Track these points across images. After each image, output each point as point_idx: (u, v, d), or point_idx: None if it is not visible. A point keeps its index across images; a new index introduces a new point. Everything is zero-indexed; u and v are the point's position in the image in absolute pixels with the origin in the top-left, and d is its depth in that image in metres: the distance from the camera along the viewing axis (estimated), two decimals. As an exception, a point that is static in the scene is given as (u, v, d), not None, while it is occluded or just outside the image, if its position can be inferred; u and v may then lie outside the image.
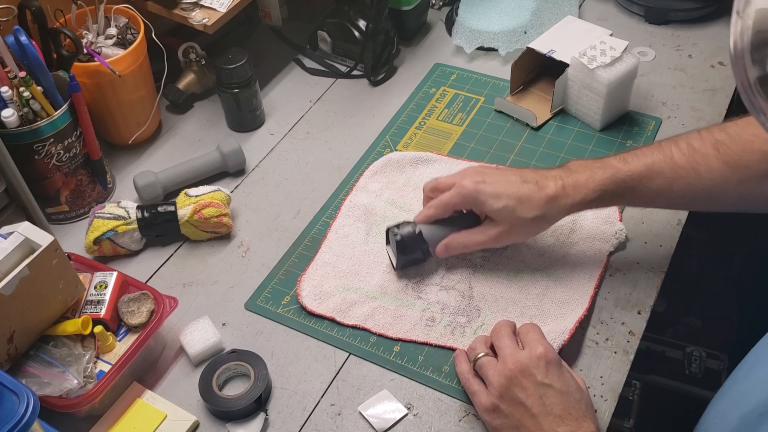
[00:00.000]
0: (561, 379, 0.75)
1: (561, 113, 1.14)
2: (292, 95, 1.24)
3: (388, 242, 0.95)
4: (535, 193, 0.85)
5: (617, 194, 0.85)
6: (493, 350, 0.80)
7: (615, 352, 0.86)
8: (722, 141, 0.82)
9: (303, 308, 0.92)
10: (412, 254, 0.92)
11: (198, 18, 1.09)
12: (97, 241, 0.98)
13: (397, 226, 0.92)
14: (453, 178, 0.90)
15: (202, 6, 1.11)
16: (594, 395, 0.83)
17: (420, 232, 0.91)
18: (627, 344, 0.87)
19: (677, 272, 0.97)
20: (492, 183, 0.87)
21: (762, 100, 0.47)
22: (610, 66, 1.04)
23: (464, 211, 0.92)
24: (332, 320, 0.91)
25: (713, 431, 0.72)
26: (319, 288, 0.94)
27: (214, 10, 1.10)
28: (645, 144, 0.88)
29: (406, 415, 0.83)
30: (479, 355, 0.80)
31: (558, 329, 0.85)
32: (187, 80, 1.21)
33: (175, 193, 1.04)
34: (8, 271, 0.76)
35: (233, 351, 0.87)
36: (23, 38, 0.92)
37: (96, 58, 1.04)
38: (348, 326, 0.90)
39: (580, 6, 1.33)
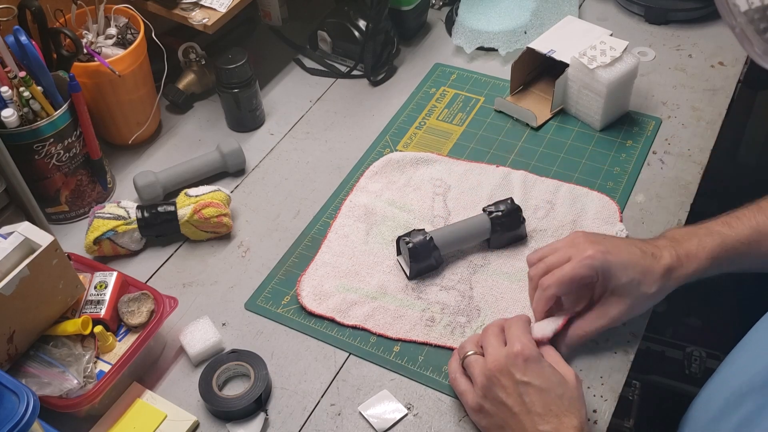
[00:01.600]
0: (540, 375, 0.74)
1: (561, 113, 1.14)
2: (292, 95, 1.24)
3: (399, 252, 0.95)
4: (654, 265, 0.80)
5: (729, 261, 0.82)
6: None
7: (615, 352, 0.86)
8: None
9: (303, 308, 0.92)
10: (425, 261, 0.92)
11: (198, 18, 1.09)
12: (97, 241, 0.98)
13: (408, 234, 0.92)
14: (565, 251, 0.82)
15: (202, 6, 1.11)
16: (594, 395, 0.83)
17: (431, 239, 0.91)
18: (627, 344, 0.87)
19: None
20: (616, 253, 0.80)
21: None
22: (610, 66, 1.04)
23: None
24: (332, 320, 0.91)
25: (701, 413, 0.73)
26: (319, 288, 0.94)
27: (214, 10, 1.10)
28: (743, 207, 0.85)
29: (406, 415, 0.83)
30: (468, 353, 0.79)
31: (551, 318, 0.84)
32: (187, 80, 1.21)
33: (175, 193, 1.04)
34: (8, 271, 0.76)
35: (233, 351, 0.87)
36: (23, 38, 0.92)
37: (96, 58, 1.04)
38: (348, 326, 0.90)
39: (580, 6, 1.33)
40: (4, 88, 0.93)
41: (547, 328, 0.82)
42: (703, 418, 0.72)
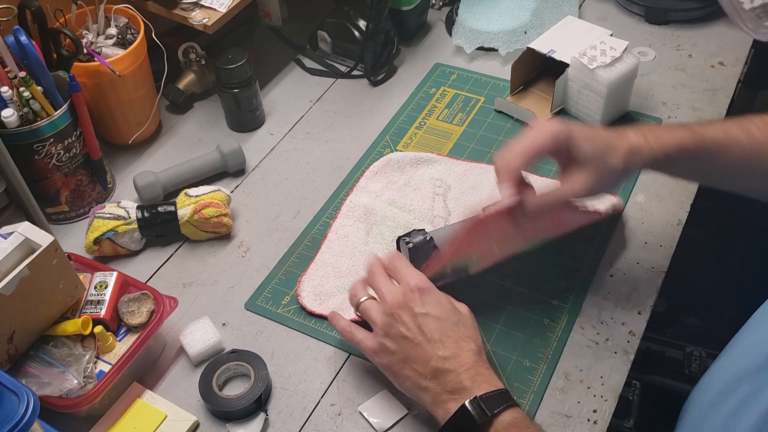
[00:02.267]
0: (437, 305, 0.78)
1: (561, 113, 1.14)
2: (292, 95, 1.24)
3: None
4: (618, 141, 0.79)
5: (694, 155, 0.80)
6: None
7: (615, 352, 0.86)
8: None
9: (303, 308, 0.92)
10: (425, 261, 0.92)
11: (198, 18, 1.09)
12: (97, 241, 0.98)
13: (407, 234, 0.92)
14: (527, 133, 0.80)
15: (202, 6, 1.11)
16: (594, 395, 0.83)
17: (431, 239, 0.91)
18: (627, 344, 0.87)
19: (677, 272, 0.97)
20: (580, 127, 0.79)
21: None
22: (610, 66, 1.04)
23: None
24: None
25: (699, 400, 0.73)
26: (319, 288, 0.94)
27: (214, 10, 1.10)
28: (714, 119, 0.86)
29: (406, 415, 0.83)
30: (361, 300, 0.82)
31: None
32: (187, 80, 1.21)
33: (175, 193, 1.04)
34: (8, 271, 0.76)
35: (233, 351, 0.87)
36: (23, 38, 0.92)
37: (96, 58, 1.04)
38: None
39: (580, 6, 1.33)
40: (4, 88, 0.93)
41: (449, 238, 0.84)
42: (701, 403, 0.72)
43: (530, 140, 0.78)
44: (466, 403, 0.72)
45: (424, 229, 0.93)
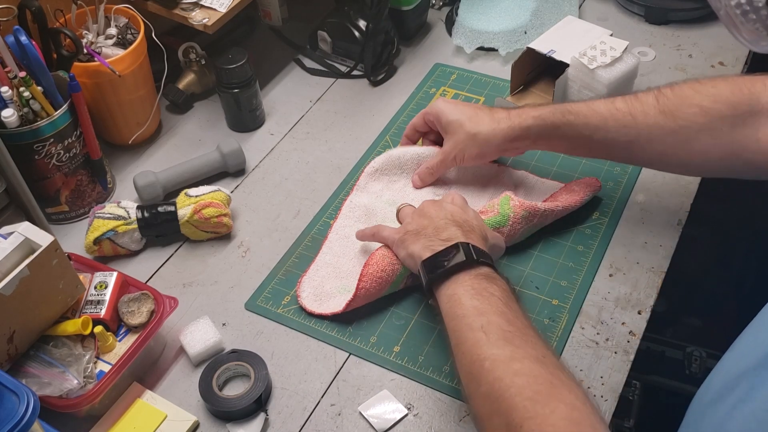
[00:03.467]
0: (465, 207, 0.86)
1: (561, 113, 1.14)
2: (292, 95, 1.24)
3: None
4: (485, 115, 0.95)
5: (554, 125, 0.91)
6: None
7: (615, 352, 0.86)
8: (664, 93, 0.87)
9: (303, 309, 0.92)
10: None
11: (198, 18, 1.09)
12: (97, 241, 0.98)
13: None
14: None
15: (202, 6, 1.11)
16: (594, 395, 0.83)
17: None
18: (627, 344, 0.87)
19: (677, 272, 0.97)
20: (452, 104, 0.98)
21: None
22: (610, 66, 1.04)
23: None
24: (333, 314, 0.91)
25: (700, 398, 0.73)
26: (319, 289, 0.94)
27: (214, 10, 1.10)
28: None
29: (406, 415, 0.83)
30: (401, 206, 0.93)
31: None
32: (187, 80, 1.21)
33: (175, 193, 1.04)
34: (8, 271, 0.76)
35: (233, 351, 0.87)
36: (23, 38, 0.92)
37: (96, 58, 1.04)
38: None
39: (580, 6, 1.33)
40: (4, 88, 0.93)
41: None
42: (702, 402, 0.73)
43: (413, 120, 1.04)
44: (459, 243, 0.78)
45: None
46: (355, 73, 1.25)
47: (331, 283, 0.94)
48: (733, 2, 0.58)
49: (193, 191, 1.01)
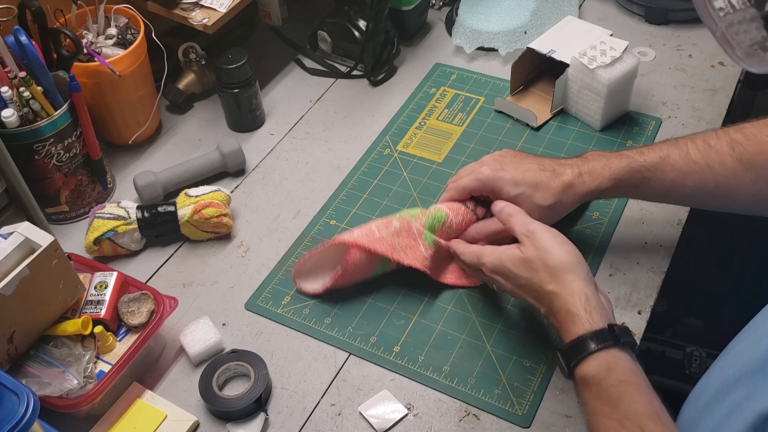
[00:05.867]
0: (513, 277, 0.81)
1: (561, 113, 1.14)
2: (292, 95, 1.24)
3: None
4: (551, 181, 0.87)
5: (632, 184, 0.87)
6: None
7: (615, 352, 0.86)
8: (738, 140, 0.84)
9: (300, 290, 0.93)
10: None
11: (198, 18, 1.09)
12: (97, 241, 0.98)
13: None
14: (472, 166, 0.92)
15: (202, 6, 1.11)
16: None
17: None
18: (627, 344, 0.87)
19: (677, 272, 0.97)
20: (510, 170, 0.88)
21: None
22: (610, 66, 1.04)
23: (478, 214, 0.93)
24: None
25: (696, 400, 0.73)
26: (318, 266, 0.94)
27: (214, 10, 1.10)
28: (662, 140, 0.90)
29: (406, 415, 0.83)
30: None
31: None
32: (187, 80, 1.21)
33: (175, 193, 1.04)
34: (8, 271, 0.76)
35: (233, 351, 0.87)
36: (23, 38, 0.92)
37: (96, 58, 1.04)
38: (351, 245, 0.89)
39: (580, 6, 1.33)
40: (4, 88, 0.93)
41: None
42: (698, 404, 0.72)
43: (464, 183, 0.91)
44: (558, 353, 0.74)
45: None
46: (355, 73, 1.25)
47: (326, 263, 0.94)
48: (725, 23, 0.58)
49: (193, 191, 1.01)
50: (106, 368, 0.83)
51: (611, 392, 0.69)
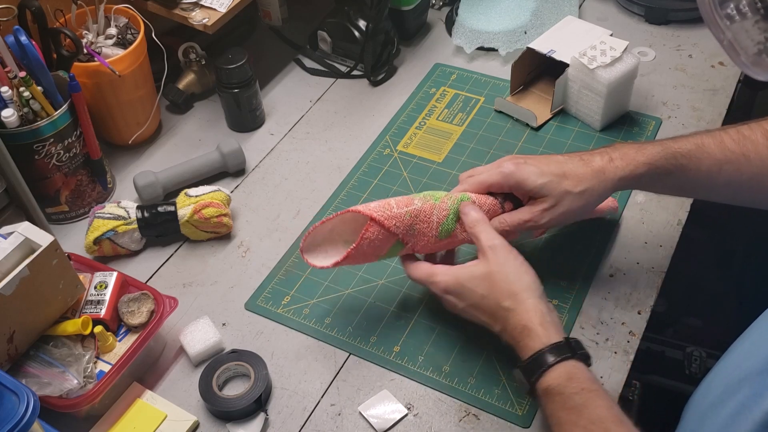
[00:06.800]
0: (466, 296, 0.80)
1: (561, 113, 1.14)
2: (292, 95, 1.24)
3: None
4: (580, 168, 0.84)
5: (667, 171, 0.83)
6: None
7: (615, 352, 0.86)
8: None
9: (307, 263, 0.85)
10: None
11: (198, 18, 1.09)
12: (97, 241, 0.98)
13: None
14: (491, 166, 0.87)
15: (202, 6, 1.11)
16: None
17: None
18: (627, 344, 0.87)
19: (677, 272, 0.97)
20: (534, 162, 0.84)
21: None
22: (610, 66, 1.04)
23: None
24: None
25: (700, 401, 0.73)
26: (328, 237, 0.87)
27: (214, 10, 1.10)
28: (694, 132, 0.87)
29: (406, 415, 0.83)
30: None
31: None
32: (187, 80, 1.21)
33: (175, 193, 1.04)
34: (8, 271, 0.76)
35: (233, 351, 0.87)
36: (23, 38, 0.92)
37: (96, 58, 1.04)
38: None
39: (580, 6, 1.33)
40: (4, 88, 0.93)
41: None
42: (702, 404, 0.72)
43: (484, 177, 0.86)
44: (515, 371, 0.75)
45: None
46: (355, 73, 1.25)
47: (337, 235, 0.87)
48: (732, 33, 0.58)
49: (193, 191, 1.01)
50: (106, 368, 0.83)
51: (575, 399, 0.71)
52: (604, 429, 0.69)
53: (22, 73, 0.93)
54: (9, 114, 0.93)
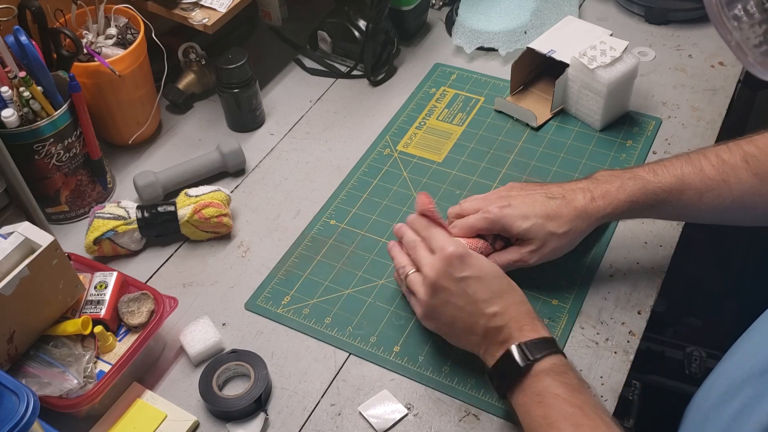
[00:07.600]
0: (475, 266, 0.79)
1: (561, 113, 1.14)
2: (292, 95, 1.24)
3: None
4: (563, 208, 0.86)
5: (648, 206, 0.86)
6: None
7: (615, 352, 0.86)
8: (751, 153, 0.83)
9: None
10: None
11: (198, 18, 1.09)
12: (97, 241, 0.98)
13: None
14: (477, 203, 0.90)
15: (202, 6, 1.11)
16: (594, 395, 0.83)
17: None
18: (627, 344, 0.87)
19: (677, 272, 0.97)
20: (517, 205, 0.87)
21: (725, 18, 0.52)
22: (610, 66, 1.04)
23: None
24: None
25: (702, 402, 0.73)
26: None
27: (214, 10, 1.10)
28: (673, 156, 0.89)
29: (406, 415, 0.83)
30: (409, 273, 0.83)
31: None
32: (187, 80, 1.21)
33: (175, 193, 1.04)
34: (8, 271, 0.76)
35: (233, 351, 0.87)
36: (23, 38, 0.92)
37: (96, 58, 1.04)
38: None
39: (580, 6, 1.33)
40: (4, 88, 0.93)
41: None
42: (704, 405, 0.72)
43: (472, 222, 0.88)
44: (512, 347, 0.75)
45: None
46: (355, 73, 1.25)
47: None
48: (740, 33, 0.58)
49: (193, 191, 1.01)
50: (106, 368, 0.83)
51: (579, 377, 0.75)
52: (602, 411, 0.72)
53: (22, 73, 0.93)
54: (9, 114, 0.93)
